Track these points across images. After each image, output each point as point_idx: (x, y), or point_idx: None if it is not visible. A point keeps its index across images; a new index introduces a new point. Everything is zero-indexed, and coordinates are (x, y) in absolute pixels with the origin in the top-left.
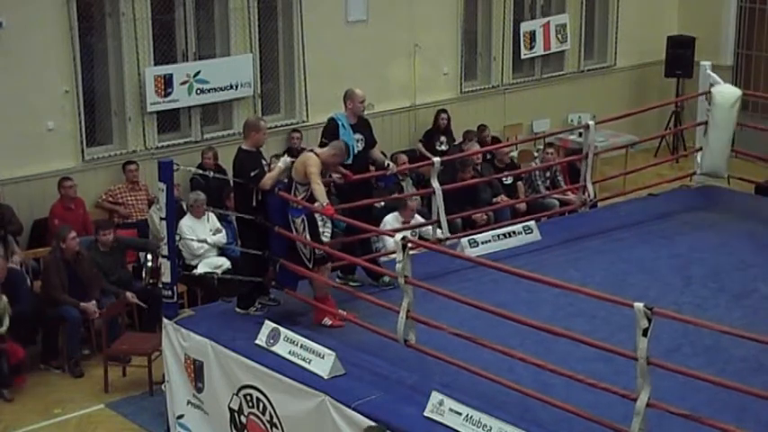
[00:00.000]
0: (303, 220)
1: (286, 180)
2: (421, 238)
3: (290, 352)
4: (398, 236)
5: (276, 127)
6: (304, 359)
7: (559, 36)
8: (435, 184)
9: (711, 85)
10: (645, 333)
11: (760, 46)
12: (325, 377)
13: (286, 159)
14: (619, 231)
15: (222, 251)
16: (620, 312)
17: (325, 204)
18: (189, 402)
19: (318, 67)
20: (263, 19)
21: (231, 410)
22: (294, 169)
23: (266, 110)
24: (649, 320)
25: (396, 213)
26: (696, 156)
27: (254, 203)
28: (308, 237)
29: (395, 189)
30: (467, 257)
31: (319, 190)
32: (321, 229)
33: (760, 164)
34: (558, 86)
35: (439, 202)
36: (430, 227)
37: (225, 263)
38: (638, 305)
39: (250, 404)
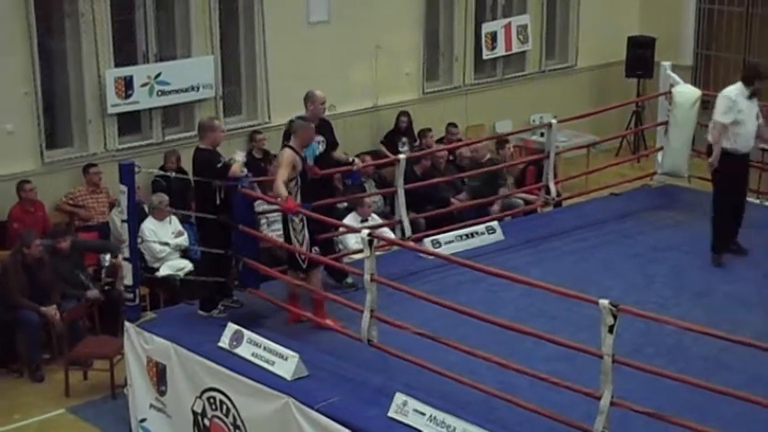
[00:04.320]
0: (302, 219)
1: (249, 176)
2: None
3: (253, 354)
4: (364, 232)
5: (238, 129)
6: (267, 361)
7: (521, 37)
8: (399, 182)
9: (672, 85)
10: (610, 330)
11: (719, 46)
12: (289, 379)
13: (242, 153)
14: (581, 231)
15: (185, 253)
16: (582, 312)
17: (284, 198)
18: (151, 406)
19: (280, 68)
20: (224, 20)
21: (194, 413)
22: (272, 170)
23: (228, 111)
24: (615, 317)
25: (353, 213)
26: (657, 155)
27: (218, 202)
28: (306, 237)
29: (358, 190)
30: (436, 254)
31: (278, 184)
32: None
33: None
34: (519, 87)
35: (401, 201)
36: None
37: (187, 265)
38: (604, 302)
39: (213, 407)
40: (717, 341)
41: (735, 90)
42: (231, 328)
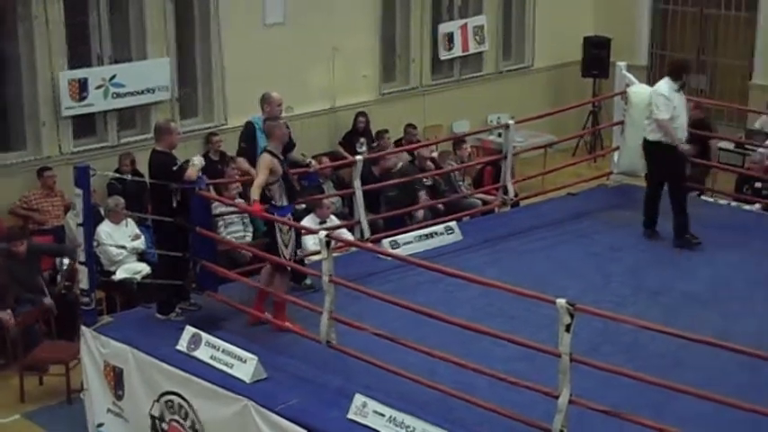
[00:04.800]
0: (290, 219)
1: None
2: None
3: (211, 357)
4: (321, 233)
5: (194, 131)
6: (226, 364)
7: (477, 37)
8: (357, 183)
9: (627, 85)
10: (568, 329)
11: (674, 46)
12: (248, 381)
13: (201, 159)
14: (539, 231)
15: (141, 257)
16: (539, 312)
17: (253, 200)
18: (109, 410)
19: (236, 70)
20: (179, 22)
21: (152, 417)
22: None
23: (184, 113)
24: (572, 316)
25: (312, 215)
26: (613, 155)
27: (175, 204)
28: (292, 239)
29: (316, 191)
30: (395, 255)
31: (255, 186)
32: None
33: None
34: (476, 87)
35: (359, 202)
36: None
37: (144, 268)
38: (561, 302)
39: (171, 410)
40: (674, 339)
41: (666, 86)
42: (189, 331)
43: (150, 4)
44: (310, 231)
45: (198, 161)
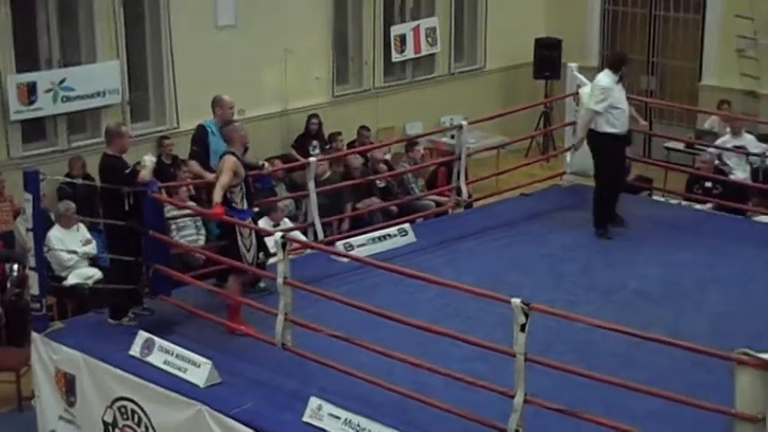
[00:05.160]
0: (250, 223)
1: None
2: None
3: (165, 362)
4: (277, 235)
5: (146, 134)
6: (179, 368)
7: (429, 39)
8: (311, 186)
9: (578, 86)
10: (522, 329)
11: (624, 47)
12: (202, 386)
13: (152, 158)
14: (493, 231)
15: (93, 261)
16: (495, 312)
17: (215, 203)
18: (61, 417)
19: (188, 72)
20: (129, 24)
21: (105, 423)
22: (219, 173)
23: (135, 117)
24: (526, 316)
25: (265, 218)
26: (566, 155)
27: (127, 208)
28: (254, 242)
29: (269, 194)
30: (353, 256)
31: (219, 188)
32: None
33: (627, 163)
34: (429, 89)
35: (313, 204)
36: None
37: (96, 273)
38: (516, 301)
39: (125, 416)
40: (626, 337)
41: (606, 78)
42: (142, 335)
43: (100, 7)
44: (266, 233)
45: (149, 161)
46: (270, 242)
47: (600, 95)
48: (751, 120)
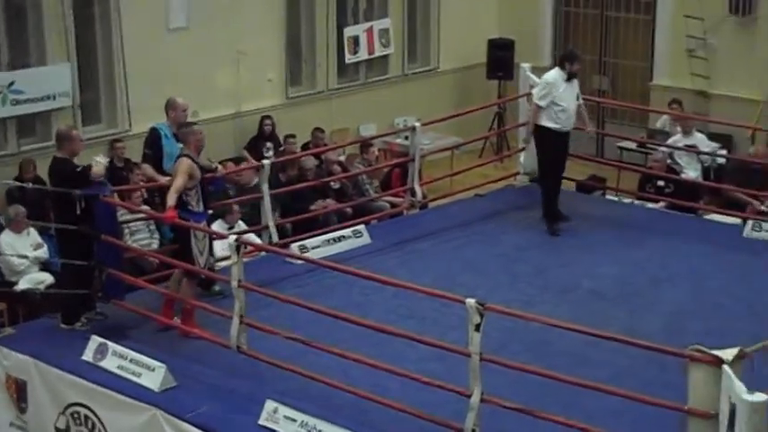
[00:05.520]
0: (205, 226)
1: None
2: None
3: (118, 366)
4: (231, 237)
5: (98, 137)
6: (134, 373)
7: (383, 40)
8: (265, 188)
9: (531, 86)
10: (477, 329)
11: (576, 48)
12: (156, 390)
13: (104, 156)
14: (447, 232)
15: (45, 266)
16: (451, 312)
17: (168, 206)
18: (12, 424)
19: (140, 75)
20: (79, 26)
21: (58, 430)
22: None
23: (87, 120)
24: (481, 316)
25: (220, 220)
26: (519, 156)
27: (78, 212)
28: (207, 245)
29: (223, 196)
30: (307, 258)
31: (173, 191)
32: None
33: (580, 162)
34: (383, 90)
35: (267, 207)
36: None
37: (47, 278)
38: (470, 301)
39: (78, 422)
40: (581, 336)
41: (553, 74)
42: (95, 340)
43: (49, 9)
44: (220, 236)
45: (102, 159)
46: (225, 245)
47: (543, 90)
48: (701, 119)
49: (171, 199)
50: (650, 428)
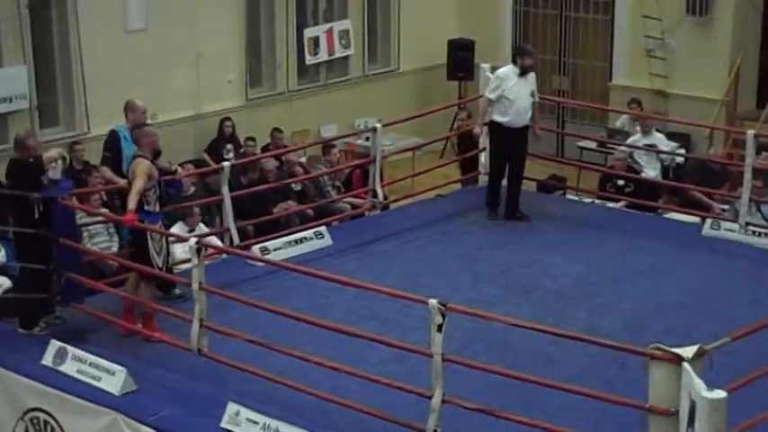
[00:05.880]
0: (161, 227)
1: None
2: None
3: (78, 371)
4: (192, 240)
5: (56, 140)
6: (93, 377)
7: (343, 41)
8: (225, 190)
9: None
10: (439, 329)
11: (535, 48)
12: (117, 394)
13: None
14: (409, 233)
15: (2, 270)
16: (413, 313)
17: (129, 209)
18: None
19: (98, 77)
20: (36, 28)
21: None
22: (132, 178)
23: (45, 123)
24: (443, 316)
25: (180, 223)
26: (480, 156)
27: (37, 215)
28: (164, 246)
29: (183, 200)
30: (268, 260)
31: (134, 194)
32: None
33: (541, 162)
34: (343, 92)
35: (227, 209)
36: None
37: (5, 282)
38: (432, 302)
39: (37, 428)
40: (543, 336)
41: (505, 69)
42: (54, 345)
43: (5, 12)
44: (181, 239)
45: (57, 153)
46: (186, 248)
47: (493, 83)
48: (660, 118)
49: (132, 202)
50: (612, 427)
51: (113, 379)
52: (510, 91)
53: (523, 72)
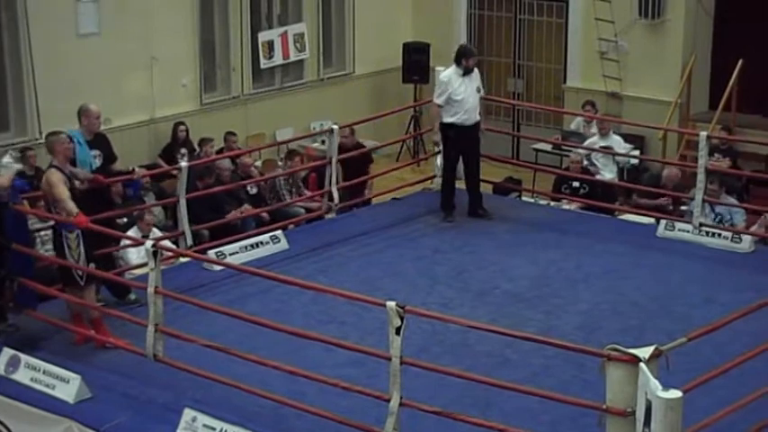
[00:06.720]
0: (78, 235)
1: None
2: None
3: (31, 379)
4: (148, 243)
5: (7, 146)
6: (47, 385)
7: (298, 45)
8: (181, 192)
9: None
10: (398, 332)
11: (490, 50)
12: (72, 402)
13: (9, 158)
14: (365, 236)
15: None
16: (370, 316)
17: (74, 214)
18: None
19: (50, 82)
20: None
21: None
22: (43, 191)
23: None
24: (402, 319)
25: (134, 228)
26: (436, 159)
27: None
28: (82, 253)
29: (138, 203)
30: (227, 264)
31: (66, 202)
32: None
33: (496, 165)
34: (299, 95)
35: (183, 212)
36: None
37: None
38: (391, 304)
39: None
40: (501, 338)
41: (447, 73)
42: (7, 353)
43: None
44: (137, 242)
45: (6, 161)
46: (138, 253)
47: (439, 89)
48: (614, 120)
49: (69, 205)
50: (569, 428)
51: (68, 387)
52: (456, 92)
53: (467, 71)
